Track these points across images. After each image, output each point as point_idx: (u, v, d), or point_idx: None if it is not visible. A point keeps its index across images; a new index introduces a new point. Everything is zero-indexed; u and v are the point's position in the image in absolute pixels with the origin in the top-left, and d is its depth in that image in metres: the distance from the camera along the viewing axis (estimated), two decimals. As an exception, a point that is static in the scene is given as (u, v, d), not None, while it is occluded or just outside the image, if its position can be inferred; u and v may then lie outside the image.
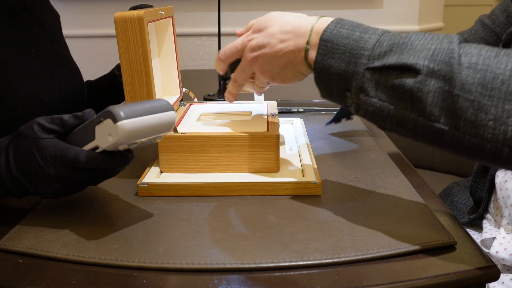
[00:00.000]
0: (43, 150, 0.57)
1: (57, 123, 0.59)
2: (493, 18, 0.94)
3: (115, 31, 0.69)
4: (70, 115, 0.60)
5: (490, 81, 0.48)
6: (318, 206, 0.66)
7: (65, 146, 0.57)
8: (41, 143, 0.57)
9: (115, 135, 0.53)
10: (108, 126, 0.54)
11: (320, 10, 2.03)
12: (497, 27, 0.92)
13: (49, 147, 0.57)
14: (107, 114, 0.54)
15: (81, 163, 0.56)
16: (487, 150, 0.49)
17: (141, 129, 0.55)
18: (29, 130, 0.59)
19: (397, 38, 0.54)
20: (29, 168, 0.58)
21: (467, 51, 0.50)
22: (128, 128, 0.53)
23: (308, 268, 0.52)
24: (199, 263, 0.53)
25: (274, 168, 0.73)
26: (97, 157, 0.56)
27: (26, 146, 0.58)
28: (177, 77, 0.92)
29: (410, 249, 0.55)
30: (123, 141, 0.54)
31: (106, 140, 0.54)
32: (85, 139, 0.57)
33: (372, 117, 0.55)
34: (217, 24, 1.30)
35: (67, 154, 0.56)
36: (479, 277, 0.52)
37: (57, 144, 0.57)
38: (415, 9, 2.07)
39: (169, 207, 0.66)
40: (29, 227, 0.60)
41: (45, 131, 0.58)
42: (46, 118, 0.59)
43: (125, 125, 0.53)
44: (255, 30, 0.68)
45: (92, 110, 0.60)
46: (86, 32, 2.02)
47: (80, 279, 0.51)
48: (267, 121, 0.80)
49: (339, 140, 0.93)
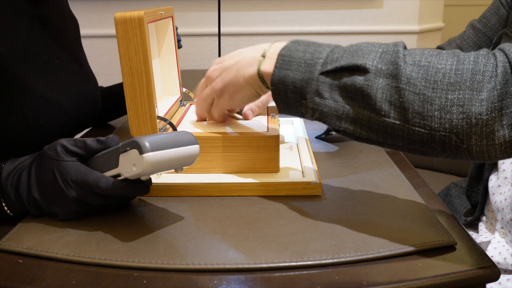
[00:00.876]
0: (65, 172, 0.58)
1: (80, 146, 0.60)
2: (485, 22, 0.94)
3: (115, 31, 0.69)
4: (93, 139, 0.60)
5: (433, 75, 0.51)
6: (318, 206, 0.66)
7: (87, 171, 0.58)
8: (64, 166, 0.58)
9: (140, 166, 0.54)
10: (133, 156, 0.54)
11: (320, 10, 2.03)
12: (489, 31, 0.93)
13: (71, 170, 0.58)
14: (133, 145, 0.54)
15: (102, 189, 0.57)
16: (437, 140, 0.52)
17: (166, 161, 0.55)
18: (52, 152, 0.59)
19: (348, 47, 0.58)
20: (49, 189, 0.59)
21: (411, 52, 0.54)
22: (153, 160, 0.54)
23: (308, 268, 0.52)
24: (199, 263, 0.53)
25: (274, 169, 0.73)
26: (118, 185, 0.57)
27: (48, 167, 0.59)
28: (177, 77, 0.92)
29: (410, 249, 0.55)
30: (147, 172, 0.55)
31: (129, 169, 0.55)
32: (107, 165, 0.58)
33: (327, 118, 0.57)
34: (217, 24, 1.30)
35: (88, 179, 0.57)
36: (479, 277, 0.52)
37: (79, 167, 0.58)
38: (415, 9, 2.07)
39: (169, 207, 0.66)
40: (29, 227, 0.60)
41: (68, 153, 0.59)
42: (69, 140, 0.60)
43: (151, 157, 0.53)
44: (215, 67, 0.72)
45: (116, 136, 0.61)
46: (86, 32, 2.02)
47: (80, 279, 0.51)
48: (267, 121, 0.80)
49: (339, 140, 0.93)
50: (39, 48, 0.81)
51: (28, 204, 0.61)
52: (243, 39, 2.08)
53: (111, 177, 0.57)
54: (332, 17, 2.05)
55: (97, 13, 2.02)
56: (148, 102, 0.71)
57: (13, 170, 0.61)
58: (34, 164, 0.61)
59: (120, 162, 0.56)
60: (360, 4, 2.04)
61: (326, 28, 2.03)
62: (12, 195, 0.60)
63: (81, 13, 2.02)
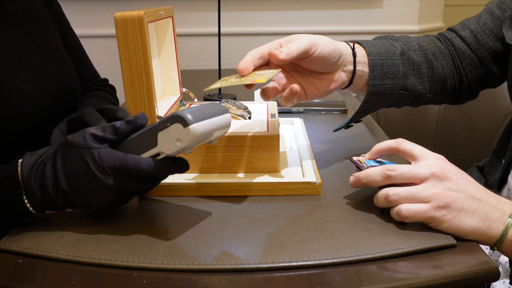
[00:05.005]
0: (99, 160, 0.55)
1: (110, 131, 0.57)
2: (504, 8, 0.86)
3: (115, 31, 0.69)
4: (122, 122, 0.57)
5: None
6: (318, 206, 0.66)
7: (123, 155, 0.55)
8: (97, 153, 0.55)
9: (186, 140, 0.53)
10: (176, 131, 0.53)
11: (320, 10, 2.03)
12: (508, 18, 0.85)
13: (106, 156, 0.55)
14: (175, 119, 0.53)
15: (144, 171, 0.55)
16: None
17: (207, 132, 0.55)
18: (80, 140, 0.56)
19: None
20: (82, 180, 0.56)
21: None
22: (198, 131, 0.53)
23: (308, 268, 0.52)
24: (199, 263, 0.53)
25: (274, 168, 0.73)
26: (160, 164, 0.55)
27: (77, 157, 0.56)
28: (177, 77, 0.92)
29: (410, 249, 0.55)
30: (192, 145, 0.54)
31: (173, 145, 0.54)
32: (144, 146, 0.56)
33: None
34: (217, 24, 1.30)
35: (127, 163, 0.55)
36: (479, 277, 0.52)
37: (114, 153, 0.55)
38: (415, 9, 2.07)
39: (169, 207, 0.66)
40: (29, 227, 0.60)
41: (98, 140, 0.56)
42: (97, 127, 0.57)
43: (195, 129, 0.53)
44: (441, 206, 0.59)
45: (144, 114, 0.59)
46: (86, 32, 2.02)
47: (80, 279, 0.51)
48: (267, 121, 0.80)
49: (339, 140, 0.93)
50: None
51: (56, 197, 0.57)
52: (243, 39, 2.08)
53: (150, 157, 0.56)
54: (332, 17, 2.05)
55: (97, 13, 2.02)
56: (148, 102, 0.71)
57: (35, 164, 0.57)
58: (59, 155, 0.57)
59: (159, 140, 0.55)
60: (360, 4, 2.04)
61: (326, 28, 2.03)
62: (37, 191, 0.57)
63: (81, 13, 2.02)
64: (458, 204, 0.58)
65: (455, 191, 0.58)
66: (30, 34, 0.87)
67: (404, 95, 0.81)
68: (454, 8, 2.76)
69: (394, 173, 0.60)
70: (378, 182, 0.62)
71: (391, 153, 0.66)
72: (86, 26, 2.03)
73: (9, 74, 0.78)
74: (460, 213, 0.58)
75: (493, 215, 0.58)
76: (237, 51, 2.08)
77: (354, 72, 0.76)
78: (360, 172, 0.64)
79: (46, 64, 0.87)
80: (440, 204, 0.57)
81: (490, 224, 0.58)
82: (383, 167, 0.61)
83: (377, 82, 0.77)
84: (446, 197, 0.58)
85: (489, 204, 0.59)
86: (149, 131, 0.56)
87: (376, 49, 0.78)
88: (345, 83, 0.76)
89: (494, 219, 0.58)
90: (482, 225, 0.58)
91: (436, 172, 0.59)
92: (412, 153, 0.63)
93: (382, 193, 0.61)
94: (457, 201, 0.58)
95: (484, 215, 0.58)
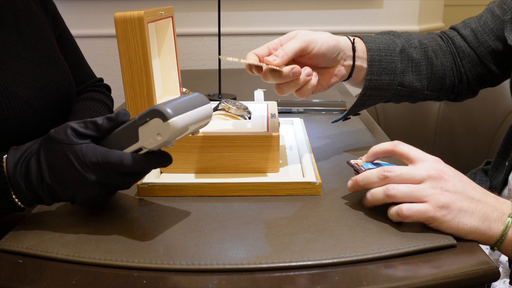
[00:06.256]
0: (81, 156, 0.55)
1: (91, 128, 0.57)
2: (505, 8, 0.86)
3: (115, 31, 0.69)
4: (104, 118, 0.57)
5: None
6: (318, 206, 0.66)
7: (105, 151, 0.55)
8: (79, 149, 0.55)
9: (166, 134, 0.53)
10: (156, 125, 0.53)
11: (321, 10, 2.03)
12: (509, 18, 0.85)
13: (88, 152, 0.55)
14: (154, 114, 0.53)
15: (127, 166, 0.55)
16: None
17: (188, 124, 0.55)
18: (62, 135, 0.56)
19: None
20: (65, 175, 0.56)
21: None
22: (178, 125, 0.53)
23: (308, 268, 0.52)
24: (199, 263, 0.53)
25: (274, 168, 0.73)
26: (142, 159, 0.55)
27: (61, 152, 0.56)
28: (177, 77, 0.92)
29: (410, 249, 0.55)
30: (173, 138, 0.54)
31: (154, 140, 0.54)
32: (125, 142, 0.56)
33: None
34: (217, 24, 1.30)
35: (109, 159, 0.55)
36: (479, 277, 0.52)
37: (96, 149, 0.55)
38: (415, 9, 2.07)
39: (169, 207, 0.66)
40: (29, 227, 0.60)
41: (79, 136, 0.56)
42: (79, 122, 0.58)
43: (175, 122, 0.53)
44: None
45: (126, 109, 0.59)
46: (86, 32, 2.02)
47: (80, 279, 0.51)
48: (267, 121, 0.80)
49: (339, 140, 0.93)
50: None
51: (42, 192, 0.57)
52: (243, 39, 2.08)
53: (133, 152, 0.56)
54: (332, 17, 2.05)
55: (97, 13, 2.02)
56: (148, 102, 0.71)
57: (19, 159, 0.58)
58: (43, 150, 0.57)
59: (140, 135, 0.55)
60: (360, 4, 2.04)
61: (326, 28, 2.03)
62: (22, 186, 0.57)
63: (81, 13, 2.02)
64: (457, 204, 0.58)
65: (453, 192, 0.59)
66: (24, 35, 0.86)
67: (401, 91, 0.82)
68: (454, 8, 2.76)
69: (391, 174, 0.60)
70: (375, 183, 0.62)
71: (387, 155, 0.66)
72: (85, 26, 2.03)
73: (3, 78, 0.78)
74: (459, 214, 0.58)
75: (492, 215, 0.58)
76: (237, 51, 2.08)
77: (353, 67, 0.77)
78: (358, 175, 0.64)
79: (41, 66, 0.87)
80: (439, 204, 0.58)
81: (490, 224, 0.58)
82: (380, 168, 0.62)
83: (374, 77, 0.78)
84: (445, 198, 0.58)
85: (488, 204, 0.59)
86: (129, 127, 0.56)
87: (376, 45, 0.79)
88: (345, 77, 0.78)
89: (494, 219, 0.58)
90: (482, 225, 0.58)
91: (433, 174, 0.59)
92: (408, 155, 0.63)
93: (381, 188, 0.61)
94: (456, 202, 0.58)
95: (483, 215, 0.58)
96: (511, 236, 0.58)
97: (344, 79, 0.79)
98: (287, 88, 0.70)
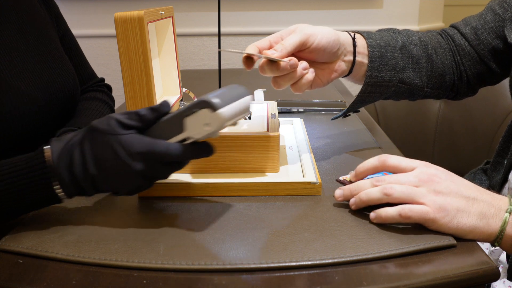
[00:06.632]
0: (127, 146, 0.55)
1: (135, 119, 0.57)
2: (505, 7, 0.86)
3: (115, 31, 0.69)
4: (147, 109, 0.58)
5: None
6: (318, 206, 0.66)
7: (151, 141, 0.56)
8: (125, 139, 0.56)
9: (215, 124, 0.54)
10: (205, 116, 0.54)
11: (321, 10, 2.03)
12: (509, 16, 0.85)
13: (134, 142, 0.56)
14: (202, 104, 0.54)
15: (172, 156, 0.56)
16: None
17: (233, 114, 0.56)
18: (106, 126, 0.57)
19: None
20: (110, 165, 0.56)
21: None
22: (226, 115, 0.54)
23: (308, 268, 0.52)
24: (199, 263, 0.53)
25: (274, 168, 0.73)
26: (187, 149, 0.56)
27: (105, 143, 0.56)
28: (177, 77, 0.92)
29: (410, 249, 0.55)
30: (220, 128, 0.55)
31: (201, 130, 0.55)
32: (170, 132, 0.57)
33: None
34: (217, 24, 1.30)
35: (156, 148, 0.55)
36: (479, 277, 0.52)
37: (142, 139, 0.56)
38: (415, 9, 2.07)
39: (169, 207, 0.66)
40: (29, 227, 0.60)
41: (123, 127, 0.57)
42: (122, 114, 0.58)
43: (224, 112, 0.54)
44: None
45: (168, 101, 0.59)
46: (86, 32, 2.02)
47: (80, 279, 0.51)
48: (267, 121, 0.80)
49: (339, 140, 0.93)
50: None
51: (85, 183, 0.57)
52: (243, 39, 2.08)
53: (178, 142, 0.57)
54: (332, 17, 2.05)
55: (97, 13, 2.02)
56: (148, 102, 0.71)
57: (63, 150, 0.57)
58: (87, 141, 0.57)
59: (187, 125, 0.56)
60: (360, 4, 2.04)
61: (326, 28, 2.03)
62: (65, 177, 0.57)
63: (81, 13, 2.02)
64: (453, 205, 0.58)
65: (447, 193, 0.59)
66: (31, 35, 0.87)
67: (401, 88, 0.82)
68: (454, 8, 2.76)
69: (384, 182, 0.61)
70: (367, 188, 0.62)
71: (377, 171, 0.66)
72: (85, 26, 2.03)
73: (13, 76, 0.78)
74: (457, 214, 0.58)
75: (489, 212, 0.59)
76: (237, 51, 2.08)
77: (354, 62, 0.77)
78: (351, 185, 0.64)
79: (46, 65, 0.87)
80: (436, 206, 0.58)
81: (488, 221, 0.58)
82: (372, 179, 0.62)
83: (375, 73, 0.78)
84: (440, 200, 0.58)
85: (484, 202, 0.59)
86: (175, 117, 0.57)
87: (377, 41, 0.79)
88: (345, 72, 0.78)
89: (491, 215, 0.58)
90: (480, 222, 0.58)
91: (424, 178, 0.60)
92: (399, 166, 0.63)
93: (378, 187, 0.61)
94: (452, 203, 0.58)
95: (480, 212, 0.58)
96: (509, 232, 0.58)
97: (344, 75, 0.79)
98: (283, 82, 0.70)
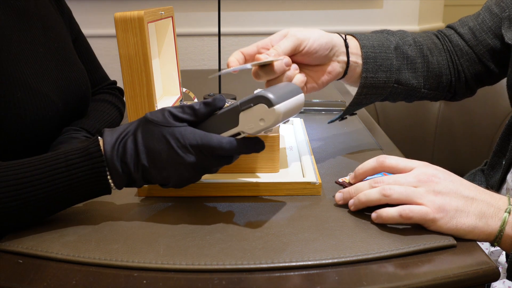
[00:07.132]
0: (181, 138, 0.56)
1: (188, 112, 0.58)
2: (502, 6, 0.86)
3: (115, 31, 0.69)
4: (200, 103, 0.58)
5: None
6: (318, 206, 0.66)
7: (205, 134, 0.57)
8: (178, 131, 0.56)
9: (270, 120, 0.55)
10: (260, 111, 0.55)
11: (321, 10, 2.03)
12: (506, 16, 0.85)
13: (188, 135, 0.56)
14: (258, 100, 0.55)
15: (226, 149, 0.56)
16: None
17: (288, 111, 0.57)
18: (160, 118, 0.57)
19: None
20: (162, 156, 0.57)
21: None
22: (281, 111, 0.55)
23: (308, 268, 0.52)
24: (199, 263, 0.53)
25: (274, 169, 0.73)
26: (240, 143, 0.57)
27: (159, 134, 0.57)
28: (177, 77, 0.92)
29: (410, 249, 0.55)
30: (275, 124, 0.56)
31: (255, 125, 0.56)
32: (223, 126, 0.57)
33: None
34: (217, 24, 1.30)
35: (210, 142, 0.56)
36: (479, 277, 0.52)
37: (195, 132, 0.57)
38: (415, 9, 2.07)
39: (169, 207, 0.66)
40: (29, 227, 0.60)
41: (176, 119, 0.57)
42: (176, 107, 0.59)
43: (280, 108, 0.55)
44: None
45: (222, 95, 0.59)
46: (86, 32, 2.01)
47: (80, 279, 0.51)
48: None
49: (339, 140, 0.93)
50: (19, 37, 0.79)
51: (136, 173, 0.58)
52: (243, 39, 2.08)
53: (230, 137, 0.57)
54: (332, 17, 2.05)
55: (97, 13, 2.02)
56: (148, 102, 0.71)
57: (116, 141, 0.58)
58: (140, 132, 0.58)
59: (241, 120, 0.56)
60: (360, 4, 2.04)
61: (326, 28, 2.02)
62: (118, 168, 0.57)
63: (81, 13, 2.02)
64: (452, 205, 0.58)
65: (446, 193, 0.59)
66: (48, 38, 0.87)
67: (398, 89, 0.81)
68: (454, 8, 2.76)
69: (382, 183, 0.61)
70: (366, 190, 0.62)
71: (376, 173, 0.66)
72: (86, 26, 2.02)
73: (34, 79, 0.79)
74: (456, 214, 0.58)
75: (488, 211, 0.59)
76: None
77: (348, 63, 0.77)
78: (350, 187, 0.65)
79: (63, 68, 0.88)
80: (436, 206, 0.58)
81: (487, 221, 0.58)
82: (371, 180, 0.63)
83: (370, 74, 0.78)
84: (439, 200, 0.58)
85: (483, 201, 0.59)
86: (230, 112, 0.57)
87: (370, 42, 0.78)
88: (340, 74, 0.77)
89: (490, 215, 0.58)
90: (479, 222, 0.58)
91: (423, 178, 0.60)
92: (398, 167, 0.63)
93: (376, 188, 0.61)
94: (451, 203, 0.58)
95: (479, 212, 0.58)
96: (509, 231, 0.58)
97: (339, 78, 0.78)
98: (263, 74, 0.69)
